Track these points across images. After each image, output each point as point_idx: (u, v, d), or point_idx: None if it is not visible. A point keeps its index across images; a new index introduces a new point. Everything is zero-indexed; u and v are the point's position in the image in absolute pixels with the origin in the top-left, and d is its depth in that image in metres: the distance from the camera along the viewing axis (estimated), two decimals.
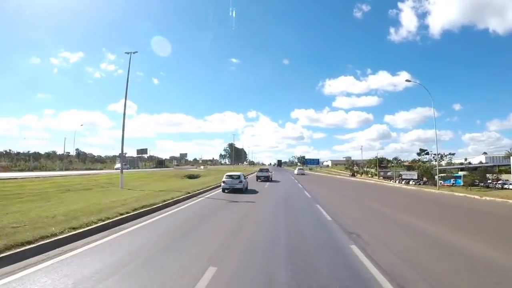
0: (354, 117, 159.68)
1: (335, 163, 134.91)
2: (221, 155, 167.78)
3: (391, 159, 74.42)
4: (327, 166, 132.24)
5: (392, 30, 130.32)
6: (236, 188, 17.65)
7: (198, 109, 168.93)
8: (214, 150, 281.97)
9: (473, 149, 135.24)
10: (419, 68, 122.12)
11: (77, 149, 77.34)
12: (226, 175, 18.58)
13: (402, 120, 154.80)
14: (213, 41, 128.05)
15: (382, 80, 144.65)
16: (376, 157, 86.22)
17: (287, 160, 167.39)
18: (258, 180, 29.99)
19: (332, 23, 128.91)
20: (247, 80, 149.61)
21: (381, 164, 74.20)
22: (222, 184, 18.06)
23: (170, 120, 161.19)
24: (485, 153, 76.39)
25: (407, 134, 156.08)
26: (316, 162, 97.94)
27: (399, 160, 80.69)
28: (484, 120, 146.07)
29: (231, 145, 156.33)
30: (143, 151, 68.36)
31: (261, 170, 33.33)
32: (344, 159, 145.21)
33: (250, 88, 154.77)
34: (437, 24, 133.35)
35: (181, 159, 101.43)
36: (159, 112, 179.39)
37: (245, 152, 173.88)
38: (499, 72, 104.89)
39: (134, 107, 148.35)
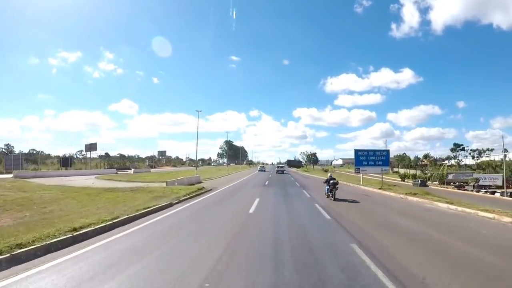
0: (357, 115, 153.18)
1: (347, 162, 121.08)
2: (218, 154, 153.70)
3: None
4: (341, 165, 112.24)
5: (393, 26, 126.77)
6: (263, 170, 58.04)
7: (200, 109, 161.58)
8: (216, 149, 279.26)
9: (477, 147, 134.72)
10: (422, 65, 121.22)
11: (6, 145, 60.58)
12: (260, 166, 68.52)
13: (405, 118, 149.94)
14: (214, 40, 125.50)
15: (384, 77, 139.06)
16: (404, 153, 69.11)
17: (293, 159, 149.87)
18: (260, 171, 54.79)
19: (332, 19, 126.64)
20: (249, 79, 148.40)
21: (411, 163, 57.17)
22: (258, 168, 61.73)
23: (172, 120, 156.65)
24: (505, 149, 67.46)
25: (410, 132, 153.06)
26: (383, 160, 24.86)
27: (431, 157, 65.49)
28: (487, 118, 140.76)
29: (227, 143, 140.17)
30: (92, 146, 51.66)
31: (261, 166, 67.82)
32: None
33: (252, 87, 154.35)
34: (439, 19, 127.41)
35: (161, 158, 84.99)
36: (161, 112, 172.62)
37: (245, 151, 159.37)
38: (503, 68, 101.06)
39: (135, 107, 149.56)
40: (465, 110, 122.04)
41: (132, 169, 50.91)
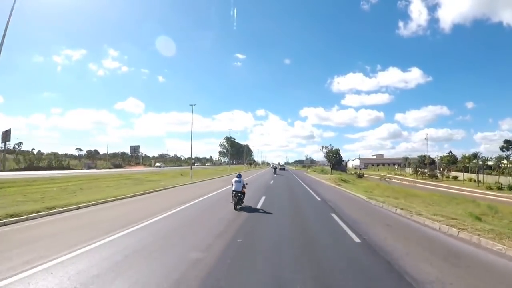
0: (364, 116, 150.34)
1: (366, 163, 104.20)
2: (220, 153, 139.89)
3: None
4: (365, 167, 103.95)
5: (401, 24, 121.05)
6: (274, 168, 56.69)
7: (206, 108, 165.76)
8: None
9: (485, 148, 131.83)
10: (430, 64, 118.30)
11: None
12: (272, 165, 72.21)
13: (413, 119, 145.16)
14: (219, 39, 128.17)
15: (392, 76, 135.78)
16: (450, 152, 55.87)
17: (304, 158, 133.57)
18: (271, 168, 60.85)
19: (339, 17, 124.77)
20: (255, 77, 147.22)
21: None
22: (271, 166, 68.80)
23: (178, 119, 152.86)
24: None
25: (418, 133, 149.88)
26: None
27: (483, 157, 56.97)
28: (496, 119, 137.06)
29: (229, 140, 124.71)
30: (7, 134, 38.01)
31: (272, 165, 68.14)
32: (375, 157, 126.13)
33: (258, 86, 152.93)
34: (448, 17, 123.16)
35: (133, 154, 70.10)
36: (167, 111, 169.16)
37: (249, 150, 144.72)
38: None
39: (141, 105, 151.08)
40: (474, 111, 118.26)
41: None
